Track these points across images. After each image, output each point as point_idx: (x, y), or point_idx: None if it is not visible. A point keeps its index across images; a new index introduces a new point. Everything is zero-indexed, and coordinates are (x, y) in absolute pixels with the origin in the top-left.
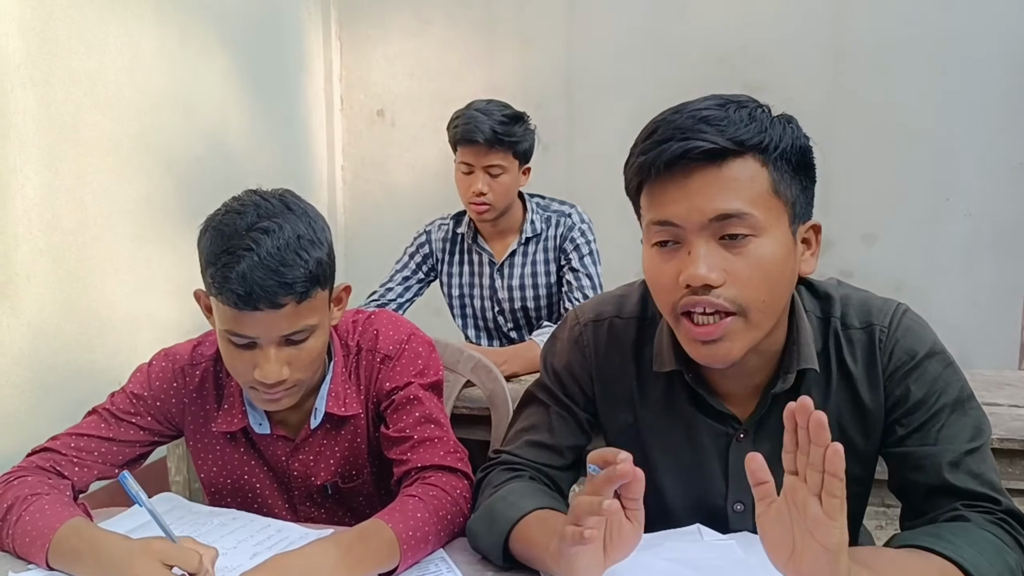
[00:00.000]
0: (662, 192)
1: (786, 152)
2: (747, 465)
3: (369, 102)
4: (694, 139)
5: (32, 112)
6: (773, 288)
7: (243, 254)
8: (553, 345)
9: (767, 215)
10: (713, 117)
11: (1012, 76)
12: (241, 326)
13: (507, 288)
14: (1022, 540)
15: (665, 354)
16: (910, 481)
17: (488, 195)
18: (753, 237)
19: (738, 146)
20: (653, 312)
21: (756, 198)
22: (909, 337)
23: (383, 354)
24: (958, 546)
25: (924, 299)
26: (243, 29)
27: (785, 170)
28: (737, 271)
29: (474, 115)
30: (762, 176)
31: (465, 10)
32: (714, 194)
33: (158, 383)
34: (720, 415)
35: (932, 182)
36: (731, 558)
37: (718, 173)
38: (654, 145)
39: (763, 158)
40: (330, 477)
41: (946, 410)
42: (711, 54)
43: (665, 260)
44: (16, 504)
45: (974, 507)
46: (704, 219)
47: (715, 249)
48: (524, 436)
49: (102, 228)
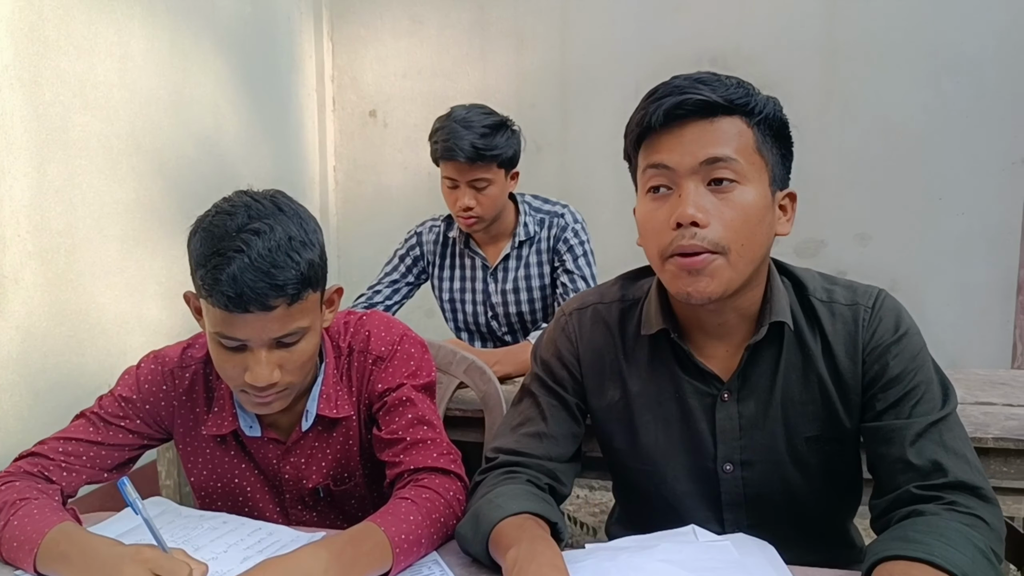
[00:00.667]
0: (658, 140)
1: (768, 118)
2: None
3: (361, 103)
4: (689, 92)
5: (20, 113)
6: (752, 233)
7: (234, 256)
8: (541, 340)
9: (750, 167)
10: (707, 78)
11: (1004, 75)
12: (232, 328)
13: (500, 292)
14: (979, 513)
15: (653, 317)
16: (879, 455)
17: (476, 208)
18: (737, 184)
19: (728, 103)
20: (632, 295)
21: (741, 149)
22: (889, 318)
23: (375, 355)
24: (929, 545)
25: (917, 298)
26: (234, 30)
27: (767, 134)
28: (721, 213)
29: (454, 129)
30: (747, 134)
31: (458, 10)
32: (705, 141)
33: (147, 386)
34: (704, 375)
35: (925, 181)
36: (726, 559)
37: (709, 125)
38: (654, 100)
39: (748, 119)
40: (322, 480)
41: (921, 386)
42: (705, 54)
43: (658, 205)
44: (4, 509)
45: (926, 488)
46: (695, 162)
47: (703, 192)
48: (520, 430)
49: (91, 230)
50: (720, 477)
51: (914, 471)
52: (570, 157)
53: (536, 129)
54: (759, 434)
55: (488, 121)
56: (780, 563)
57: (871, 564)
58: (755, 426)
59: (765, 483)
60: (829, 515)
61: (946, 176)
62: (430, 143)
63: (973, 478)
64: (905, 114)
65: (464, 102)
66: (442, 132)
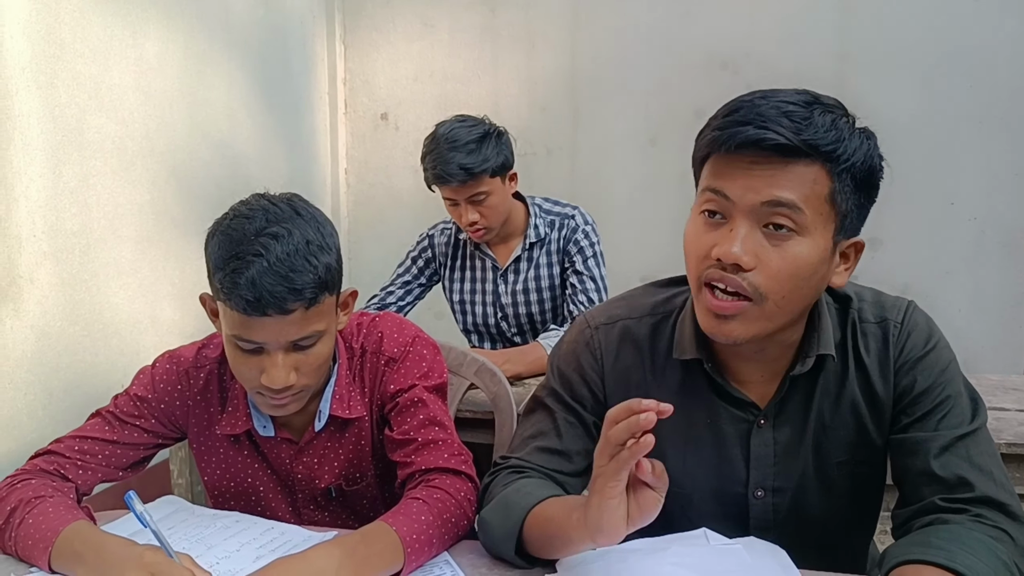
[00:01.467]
0: (725, 166)
1: (854, 167)
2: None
3: (373, 106)
4: (771, 130)
5: (36, 115)
6: (797, 288)
7: (252, 260)
8: (560, 349)
9: (815, 218)
10: (796, 114)
11: (1017, 81)
12: (249, 331)
13: (511, 294)
14: (1004, 528)
15: (687, 342)
16: (904, 467)
17: (481, 220)
18: (795, 234)
19: (810, 149)
20: (663, 308)
21: (811, 198)
22: (918, 331)
23: (388, 357)
24: (951, 552)
25: (929, 303)
26: (248, 32)
27: (848, 183)
28: (769, 260)
29: (440, 153)
30: (823, 181)
31: (469, 14)
32: (773, 182)
33: (162, 385)
34: (739, 402)
35: (937, 187)
36: (737, 562)
37: (783, 167)
38: (732, 124)
39: (830, 167)
40: (334, 480)
41: (949, 400)
42: (716, 59)
43: (707, 230)
44: (20, 507)
45: (952, 501)
46: (756, 201)
47: (756, 234)
48: (532, 443)
49: (105, 231)
50: (750, 502)
51: (939, 483)
52: (581, 161)
53: (547, 133)
54: (792, 460)
55: (473, 135)
56: (792, 567)
57: (890, 567)
58: (789, 453)
59: (794, 508)
60: (854, 536)
61: (958, 181)
62: (422, 168)
63: (1000, 494)
64: (917, 118)
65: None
66: (431, 158)
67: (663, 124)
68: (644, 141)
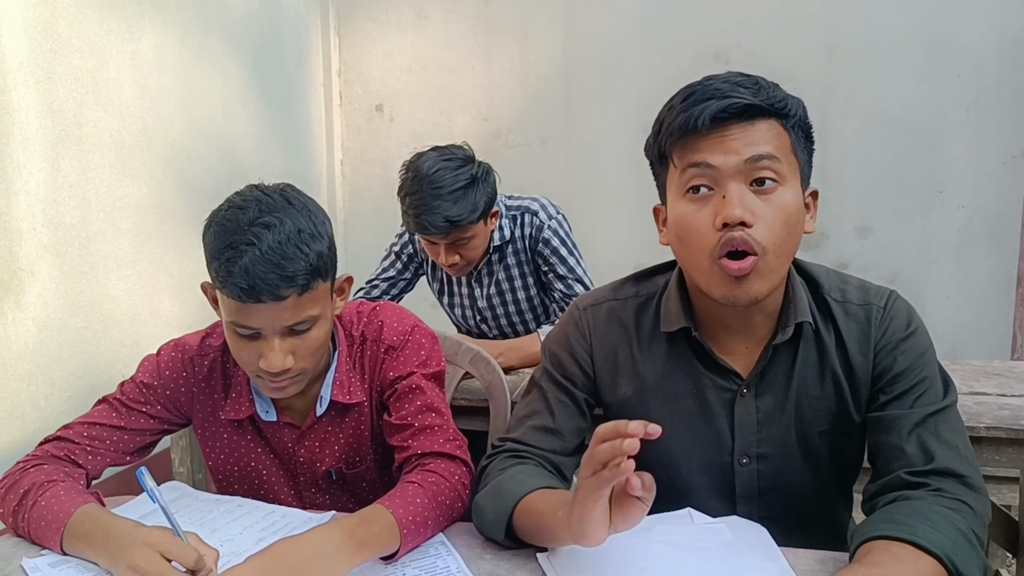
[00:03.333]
0: (700, 141)
1: (800, 121)
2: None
3: (368, 97)
4: (733, 96)
5: (35, 110)
6: (789, 236)
7: (245, 249)
8: (552, 332)
9: (788, 168)
10: (745, 81)
11: (1004, 70)
12: (246, 317)
13: (486, 297)
14: (964, 499)
15: (673, 314)
16: (879, 443)
17: (460, 261)
18: (778, 185)
19: (768, 107)
20: (647, 290)
21: (781, 149)
22: (900, 317)
23: (387, 344)
24: (912, 526)
25: (917, 291)
26: (243, 26)
27: (799, 135)
28: (764, 214)
29: (424, 199)
30: (783, 136)
31: (463, 5)
32: (748, 141)
33: (168, 372)
34: (723, 371)
35: (925, 175)
36: (720, 540)
37: (750, 127)
38: (695, 103)
39: (784, 122)
40: (335, 463)
41: (925, 382)
42: (707, 50)
43: (699, 206)
44: (32, 490)
45: (915, 474)
46: (739, 160)
47: (747, 193)
48: (528, 422)
49: (104, 224)
50: (736, 470)
51: (906, 458)
52: (574, 151)
53: (540, 123)
54: (775, 428)
55: (459, 182)
56: (772, 544)
57: (857, 544)
58: (771, 420)
59: (778, 476)
60: (835, 509)
61: (946, 169)
62: (401, 204)
63: (960, 467)
64: (906, 108)
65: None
66: (412, 200)
67: (656, 114)
68: (638, 131)
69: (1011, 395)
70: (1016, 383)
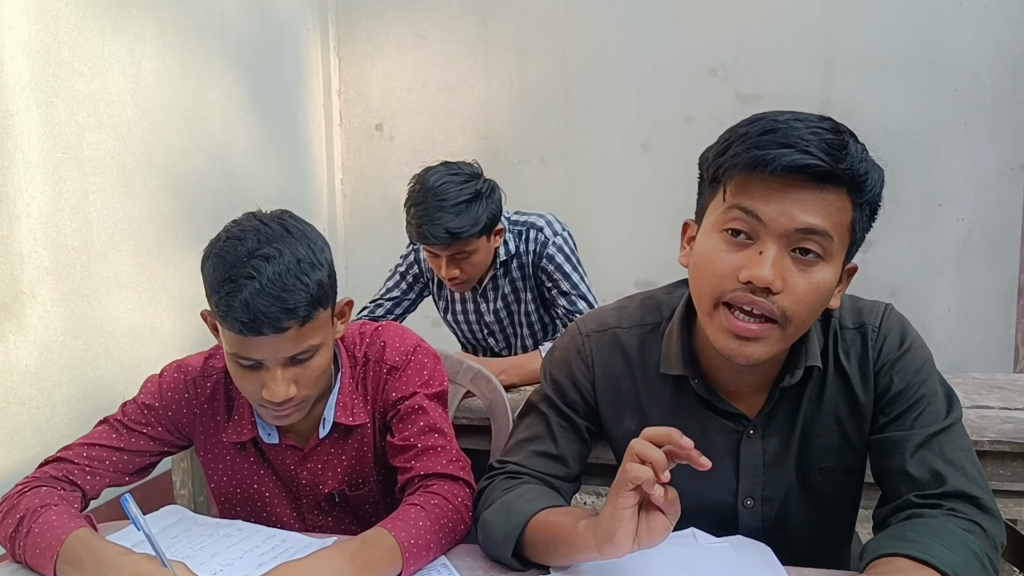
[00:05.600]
0: (760, 186)
1: (872, 199)
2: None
3: (368, 117)
4: (815, 156)
5: (37, 132)
6: (816, 311)
7: (245, 282)
8: (553, 355)
9: (838, 245)
10: (833, 142)
11: (1000, 83)
12: (247, 350)
13: (493, 312)
14: (977, 520)
15: (673, 358)
16: (883, 466)
17: (461, 275)
18: (821, 260)
19: (847, 179)
20: (651, 319)
21: (838, 226)
22: (893, 333)
23: (390, 365)
24: (925, 544)
25: (918, 304)
26: (243, 47)
27: (866, 212)
28: (796, 285)
29: (427, 211)
30: (848, 210)
31: (462, 25)
32: (809, 208)
33: (170, 394)
34: (729, 414)
35: (924, 188)
36: (725, 560)
37: (817, 192)
38: (773, 144)
39: (855, 196)
40: (337, 485)
41: (924, 399)
42: (705, 65)
43: (731, 250)
44: (27, 516)
45: (926, 497)
46: (791, 227)
47: (785, 258)
48: (528, 446)
49: (106, 245)
50: (739, 511)
51: (914, 481)
52: (573, 168)
53: (539, 141)
54: (780, 469)
55: (463, 196)
56: (777, 564)
57: (868, 560)
58: (777, 461)
59: (781, 516)
60: (836, 546)
61: (945, 182)
62: (405, 214)
63: (971, 488)
64: (903, 122)
65: (468, 115)
66: (416, 211)
67: (655, 130)
68: (636, 147)
69: (1014, 408)
70: (1019, 396)
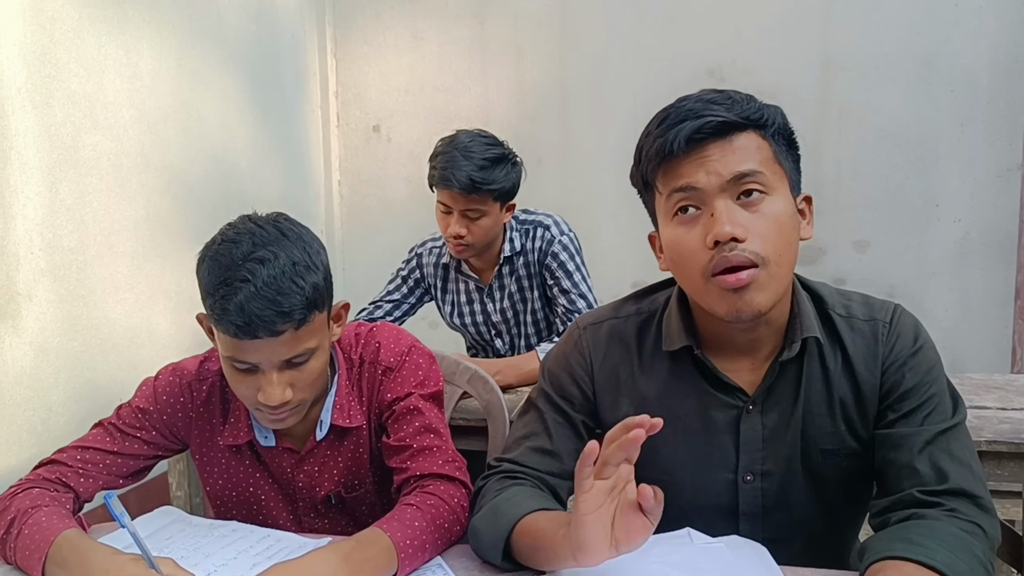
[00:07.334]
0: (680, 164)
1: (779, 129)
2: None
3: (365, 118)
4: (706, 115)
5: (33, 134)
6: (786, 243)
7: (240, 286)
8: (552, 353)
9: (773, 177)
10: (718, 98)
11: (997, 84)
12: (242, 353)
13: (499, 311)
14: (977, 521)
15: (674, 333)
16: (887, 460)
17: (467, 237)
18: (765, 195)
19: (744, 120)
20: (648, 308)
21: (763, 161)
22: (907, 332)
23: (384, 366)
24: (931, 549)
25: (915, 304)
26: (240, 48)
27: (781, 143)
28: (755, 226)
29: (453, 158)
30: (764, 147)
31: (459, 26)
32: (728, 159)
33: (165, 397)
34: (729, 388)
35: (921, 189)
36: (720, 560)
37: (729, 143)
38: (670, 127)
39: (763, 132)
40: (334, 487)
41: (934, 398)
42: (702, 66)
43: (688, 228)
44: (18, 517)
45: (929, 493)
46: (723, 180)
47: (734, 208)
48: (525, 443)
49: (102, 247)
50: (740, 487)
51: (918, 477)
52: (570, 169)
53: (536, 142)
54: (780, 445)
55: (489, 153)
56: (773, 564)
57: (871, 561)
58: (776, 437)
59: (782, 494)
60: (842, 532)
61: (942, 183)
62: (429, 165)
63: (974, 487)
64: (901, 123)
65: (466, 116)
66: (441, 158)
67: None
68: (633, 148)
69: (1012, 409)
70: (1017, 396)
